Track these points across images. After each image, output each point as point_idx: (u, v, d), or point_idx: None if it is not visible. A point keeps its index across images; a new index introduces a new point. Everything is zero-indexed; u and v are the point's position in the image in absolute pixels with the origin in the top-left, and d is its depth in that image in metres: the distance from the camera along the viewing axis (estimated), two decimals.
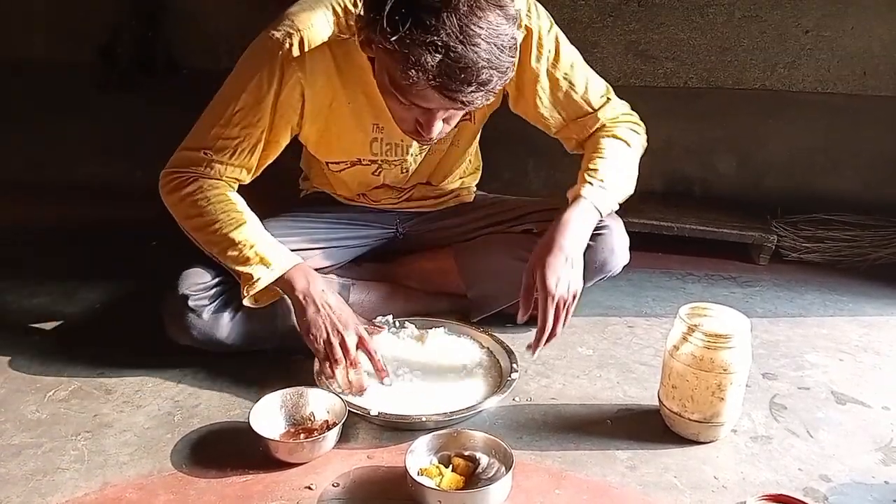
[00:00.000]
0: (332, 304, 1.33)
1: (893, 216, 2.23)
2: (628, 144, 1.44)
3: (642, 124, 1.51)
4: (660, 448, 1.25)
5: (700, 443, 1.26)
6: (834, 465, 1.22)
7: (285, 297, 1.36)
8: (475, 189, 1.76)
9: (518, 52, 1.12)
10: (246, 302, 1.34)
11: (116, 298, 1.81)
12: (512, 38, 1.08)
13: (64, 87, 2.65)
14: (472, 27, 1.02)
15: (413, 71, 1.03)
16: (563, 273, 1.27)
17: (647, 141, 1.51)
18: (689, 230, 2.18)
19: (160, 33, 2.63)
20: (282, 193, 1.74)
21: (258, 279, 1.31)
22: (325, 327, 1.30)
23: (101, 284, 1.87)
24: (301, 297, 1.32)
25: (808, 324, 1.77)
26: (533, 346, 1.30)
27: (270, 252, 1.33)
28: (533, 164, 2.52)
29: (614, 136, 1.44)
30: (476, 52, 1.03)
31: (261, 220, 1.38)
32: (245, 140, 1.34)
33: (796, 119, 2.36)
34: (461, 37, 1.02)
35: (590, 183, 1.36)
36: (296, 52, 1.27)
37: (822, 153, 2.37)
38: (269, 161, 1.42)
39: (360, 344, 1.33)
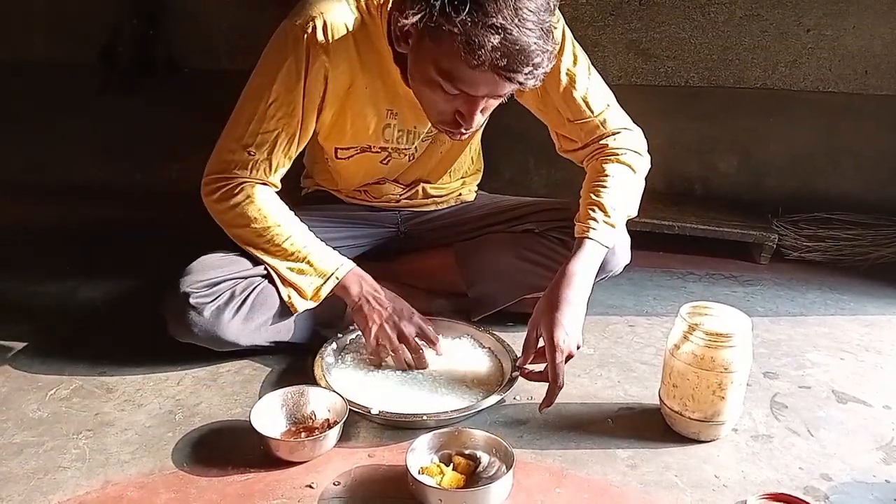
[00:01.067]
0: (386, 300, 1.42)
1: (894, 215, 2.24)
2: (633, 170, 1.41)
3: (645, 143, 1.46)
4: (660, 447, 1.25)
5: (701, 442, 1.26)
6: (835, 464, 1.22)
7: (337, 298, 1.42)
8: (476, 189, 1.76)
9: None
10: (300, 308, 1.40)
11: (117, 298, 1.81)
12: (552, 24, 1.12)
13: (64, 88, 2.65)
14: (524, 10, 1.06)
15: (479, 52, 1.05)
16: (571, 328, 1.26)
17: (647, 143, 1.49)
18: (690, 229, 2.18)
19: (160, 33, 2.64)
20: (282, 191, 1.74)
21: (317, 289, 1.39)
22: (384, 324, 1.39)
23: (102, 284, 1.87)
24: (357, 299, 1.40)
25: (810, 323, 1.77)
26: (545, 404, 1.26)
27: (324, 261, 1.40)
28: (534, 163, 2.52)
29: (619, 162, 1.40)
30: (528, 35, 1.06)
31: None
32: (283, 132, 1.35)
33: (797, 118, 2.36)
34: (516, 19, 1.05)
35: (594, 219, 1.34)
36: (320, 36, 1.27)
37: (823, 152, 2.38)
38: (301, 150, 1.43)
39: (420, 331, 1.43)
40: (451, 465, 1.15)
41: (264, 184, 1.40)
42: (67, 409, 1.33)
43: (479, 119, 1.24)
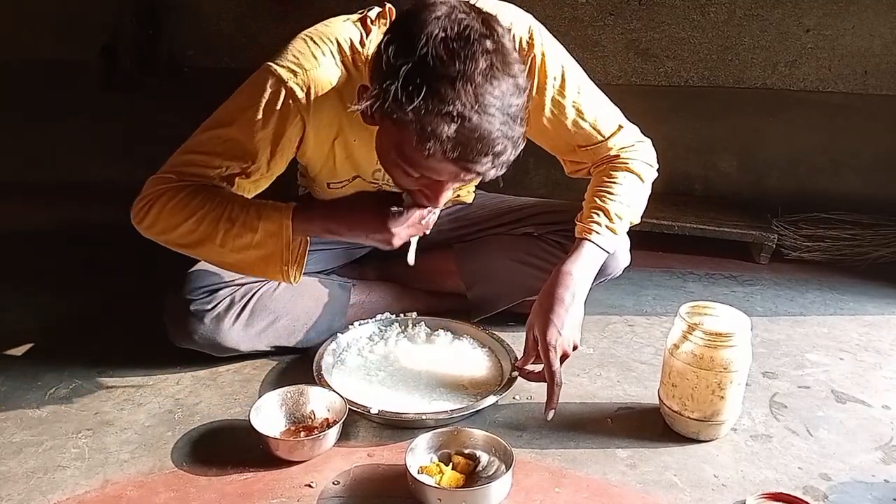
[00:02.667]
0: (344, 215, 1.26)
1: (894, 215, 2.24)
2: (641, 180, 1.39)
3: (655, 155, 1.45)
4: (660, 446, 1.26)
5: (700, 441, 1.26)
6: (834, 463, 1.22)
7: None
8: (475, 190, 1.76)
9: (525, 123, 1.08)
10: (294, 279, 1.26)
11: (118, 297, 1.82)
12: (521, 108, 1.04)
13: (65, 87, 2.65)
14: (487, 96, 0.98)
15: (430, 143, 0.99)
16: (564, 328, 1.24)
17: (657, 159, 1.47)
18: (689, 229, 2.18)
19: (161, 32, 2.64)
20: (279, 191, 1.74)
21: (282, 268, 1.24)
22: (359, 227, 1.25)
23: (103, 283, 1.87)
24: (326, 231, 1.26)
25: (809, 323, 1.77)
26: (548, 406, 1.25)
27: (266, 222, 1.23)
28: (533, 163, 2.52)
29: (629, 170, 1.38)
30: (490, 122, 0.99)
31: None
32: (226, 171, 1.24)
33: (797, 118, 2.36)
34: (476, 106, 0.98)
35: (597, 223, 1.32)
36: (300, 93, 1.20)
37: (822, 152, 2.38)
38: (258, 191, 1.33)
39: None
40: (451, 464, 1.16)
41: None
42: (67, 408, 1.34)
43: (449, 195, 1.18)
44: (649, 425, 1.31)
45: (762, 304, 1.89)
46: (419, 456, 1.16)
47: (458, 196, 1.71)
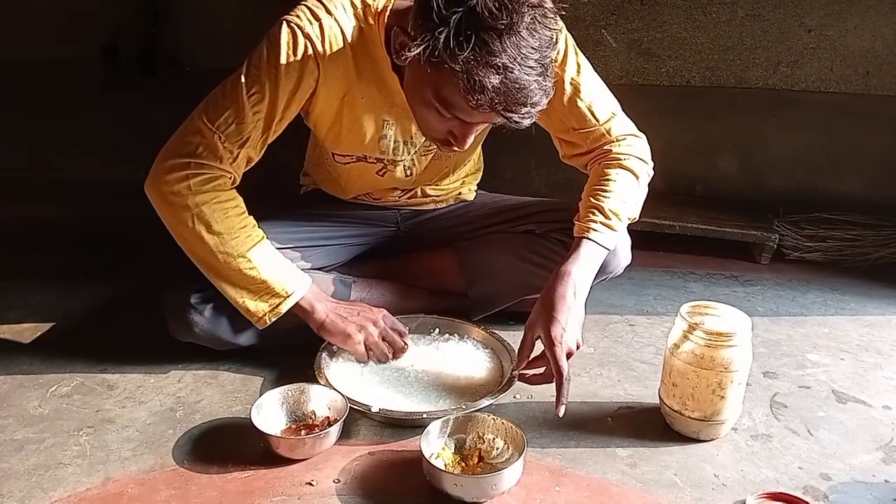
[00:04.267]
0: (346, 312, 1.40)
1: (895, 216, 2.23)
2: (636, 176, 1.40)
3: (649, 150, 1.45)
4: (660, 446, 1.26)
5: (700, 441, 1.26)
6: (834, 463, 1.22)
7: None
8: (476, 188, 1.76)
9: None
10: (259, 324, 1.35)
11: (119, 295, 1.82)
12: (552, 60, 1.10)
13: (67, 85, 2.65)
14: (526, 48, 1.04)
15: (476, 93, 1.04)
16: (568, 326, 1.25)
17: (650, 147, 1.47)
18: (690, 229, 2.18)
19: (163, 31, 2.64)
20: (281, 189, 1.75)
21: (267, 312, 1.33)
22: (358, 331, 1.39)
23: (104, 281, 1.87)
24: (320, 321, 1.37)
25: (810, 323, 1.78)
26: (558, 403, 1.23)
27: (280, 281, 1.33)
28: (534, 163, 2.52)
29: (622, 167, 1.39)
30: (529, 74, 1.05)
31: (260, 218, 1.36)
32: (255, 127, 1.29)
33: (798, 118, 2.36)
34: (519, 59, 1.03)
35: (594, 221, 1.33)
36: (316, 40, 1.25)
37: (824, 152, 2.38)
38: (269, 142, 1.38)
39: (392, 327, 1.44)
40: (464, 450, 1.18)
41: (231, 179, 1.32)
42: (68, 405, 1.34)
43: (472, 139, 1.23)
44: (650, 425, 1.31)
45: (763, 304, 1.89)
46: (433, 442, 1.17)
47: (460, 194, 1.71)
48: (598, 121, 1.40)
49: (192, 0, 2.60)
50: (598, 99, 1.40)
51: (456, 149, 1.25)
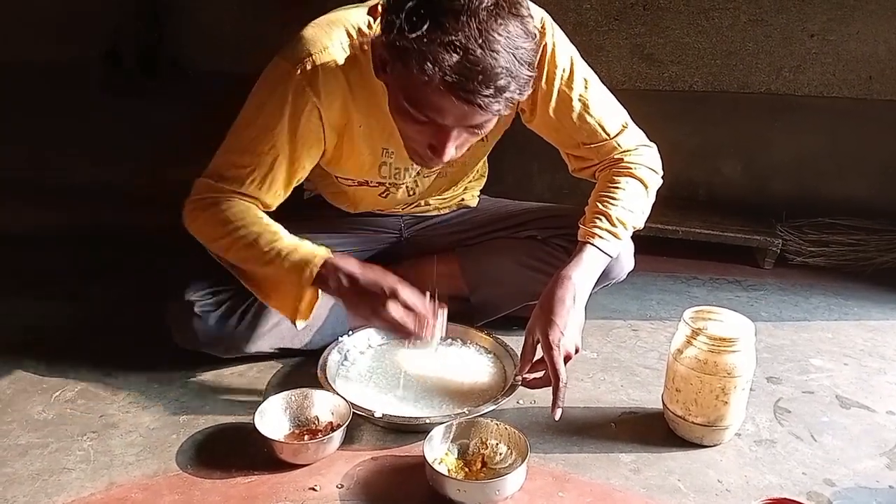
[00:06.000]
0: (359, 280, 1.26)
1: None
2: (645, 185, 1.39)
3: (660, 160, 1.44)
4: (663, 451, 1.26)
5: (704, 446, 1.26)
6: (838, 469, 1.22)
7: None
8: (479, 194, 1.76)
9: (535, 70, 1.10)
10: (299, 324, 1.30)
11: (122, 300, 1.82)
12: (531, 52, 1.06)
13: (68, 89, 2.66)
14: (492, 33, 1.00)
15: (429, 65, 1.00)
16: (567, 330, 1.24)
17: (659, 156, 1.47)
18: (693, 234, 2.18)
19: (165, 35, 2.65)
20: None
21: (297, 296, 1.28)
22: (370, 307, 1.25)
23: (108, 286, 1.88)
24: (335, 293, 1.27)
25: (813, 328, 1.77)
26: (554, 407, 1.23)
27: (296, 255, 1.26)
28: (537, 168, 2.53)
29: (632, 176, 1.38)
30: (495, 58, 1.01)
31: None
32: (257, 170, 1.28)
33: (801, 123, 2.36)
34: (480, 40, 1.00)
35: (599, 227, 1.32)
36: (308, 77, 1.23)
37: (827, 157, 2.38)
38: (295, 185, 1.37)
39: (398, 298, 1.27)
40: (467, 455, 1.18)
41: (254, 201, 1.32)
42: (72, 410, 1.34)
43: (453, 152, 1.17)
44: (653, 430, 1.31)
45: (766, 309, 1.88)
46: (436, 447, 1.17)
47: (463, 200, 1.71)
48: (608, 135, 1.39)
49: (193, 2, 2.61)
50: (607, 113, 1.39)
51: (439, 163, 1.20)
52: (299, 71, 1.23)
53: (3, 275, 1.96)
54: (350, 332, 1.52)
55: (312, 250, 1.27)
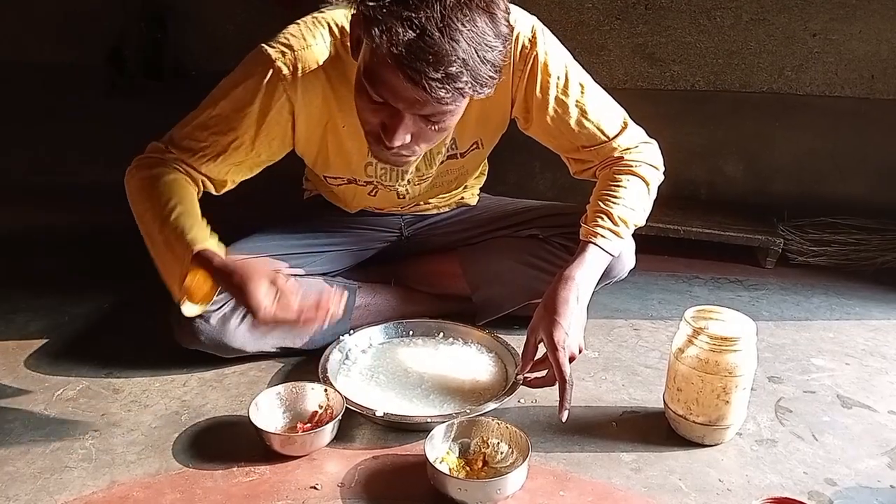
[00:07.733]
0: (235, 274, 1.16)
1: None
2: (647, 183, 1.39)
3: (661, 157, 1.44)
4: (664, 451, 1.25)
5: (705, 446, 1.26)
6: (839, 469, 1.22)
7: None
8: (479, 192, 1.76)
9: (500, 73, 1.05)
10: (186, 311, 1.22)
11: (124, 299, 1.82)
12: (498, 53, 1.02)
13: (72, 90, 2.66)
14: (455, 21, 0.96)
15: (383, 36, 0.96)
16: (571, 330, 1.24)
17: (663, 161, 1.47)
18: (695, 233, 2.18)
19: (168, 36, 2.65)
20: (285, 195, 1.75)
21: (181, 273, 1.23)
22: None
23: (109, 285, 1.88)
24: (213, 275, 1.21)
25: (815, 327, 1.77)
26: (561, 408, 1.23)
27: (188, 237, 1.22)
28: (539, 167, 2.52)
29: (633, 174, 1.38)
30: (452, 46, 0.97)
31: (263, 225, 1.36)
32: (211, 147, 1.28)
33: (803, 123, 2.35)
34: (441, 24, 0.96)
35: (601, 226, 1.32)
36: (286, 71, 1.23)
37: (829, 157, 2.37)
38: (246, 176, 1.37)
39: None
40: (468, 454, 1.18)
41: (198, 176, 1.31)
42: (74, 409, 1.34)
43: (407, 139, 1.11)
44: (654, 429, 1.31)
45: (768, 308, 1.88)
46: (437, 446, 1.17)
47: (463, 199, 1.71)
48: (608, 136, 1.39)
49: (197, 5, 2.61)
50: (605, 114, 1.39)
51: (391, 152, 1.14)
52: (279, 63, 1.24)
53: (6, 274, 1.97)
54: (351, 331, 1.52)
55: (205, 236, 1.21)
